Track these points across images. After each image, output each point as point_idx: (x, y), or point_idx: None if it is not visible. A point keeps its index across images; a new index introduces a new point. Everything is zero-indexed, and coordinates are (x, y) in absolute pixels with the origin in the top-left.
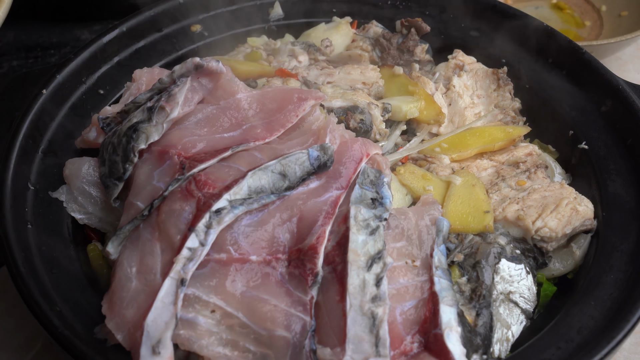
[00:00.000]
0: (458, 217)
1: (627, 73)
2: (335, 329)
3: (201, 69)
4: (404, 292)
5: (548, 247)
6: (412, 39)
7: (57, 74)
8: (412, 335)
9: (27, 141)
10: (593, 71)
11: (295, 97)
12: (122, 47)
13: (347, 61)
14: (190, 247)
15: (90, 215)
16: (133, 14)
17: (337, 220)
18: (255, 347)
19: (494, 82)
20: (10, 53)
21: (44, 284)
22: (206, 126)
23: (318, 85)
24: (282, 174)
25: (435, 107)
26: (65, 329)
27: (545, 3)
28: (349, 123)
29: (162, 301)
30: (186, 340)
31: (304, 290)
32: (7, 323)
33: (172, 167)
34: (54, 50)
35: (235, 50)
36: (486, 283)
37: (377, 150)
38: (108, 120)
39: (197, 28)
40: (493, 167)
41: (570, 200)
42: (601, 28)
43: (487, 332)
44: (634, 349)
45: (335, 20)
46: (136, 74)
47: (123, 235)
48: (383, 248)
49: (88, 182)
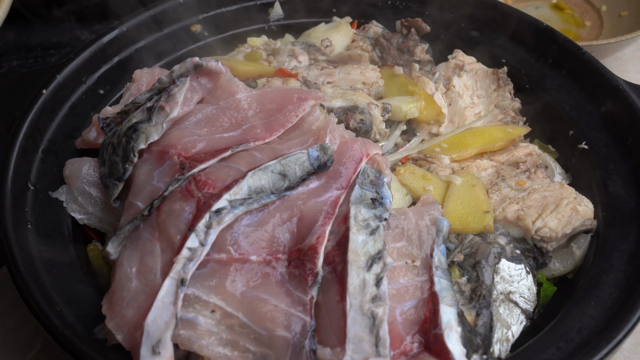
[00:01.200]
0: (458, 217)
1: (627, 73)
2: (335, 329)
3: (200, 69)
4: (404, 292)
5: (548, 247)
6: (412, 39)
7: (57, 74)
8: (412, 335)
9: (27, 141)
10: (593, 71)
11: (295, 97)
12: (122, 47)
13: (347, 61)
14: (190, 247)
15: (90, 216)
16: (133, 14)
17: (337, 220)
18: (255, 347)
19: (494, 82)
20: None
21: (44, 284)
22: (206, 126)
23: (318, 85)
24: (282, 174)
25: (435, 107)
26: (65, 329)
27: (545, 3)
28: (349, 123)
29: (162, 301)
30: (186, 340)
31: (304, 290)
32: (7, 323)
33: (172, 167)
34: (54, 50)
35: (235, 50)
36: (486, 283)
37: (377, 150)
38: (108, 121)
39: (197, 28)
40: (493, 167)
41: (570, 200)
42: (601, 28)
43: (487, 332)
44: (634, 349)
45: (335, 20)
46: (136, 74)
47: (123, 235)
48: (383, 248)
49: (88, 182)
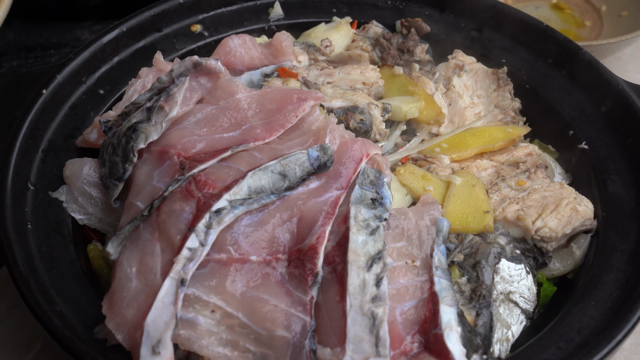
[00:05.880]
0: (458, 217)
1: (627, 73)
2: (335, 329)
3: (200, 68)
4: (404, 292)
5: (548, 247)
6: (412, 39)
7: (57, 74)
8: (412, 335)
9: (27, 141)
10: (593, 71)
11: (295, 98)
12: (122, 47)
13: (347, 61)
14: (190, 247)
15: (90, 216)
16: (133, 14)
17: (337, 220)
18: (255, 347)
19: (494, 82)
20: (10, 53)
21: (44, 284)
22: (206, 126)
23: (318, 86)
24: (282, 174)
25: (435, 107)
26: (65, 329)
27: (545, 3)
28: (349, 123)
29: (162, 301)
30: (186, 340)
31: (304, 290)
32: (7, 323)
33: (172, 167)
34: (54, 50)
35: None
36: (486, 283)
37: (377, 151)
38: (109, 124)
39: (197, 28)
40: (493, 167)
41: (570, 200)
42: (601, 28)
43: (487, 332)
44: (634, 349)
45: (335, 20)
46: (143, 71)
47: (123, 236)
48: (383, 248)
49: (88, 182)
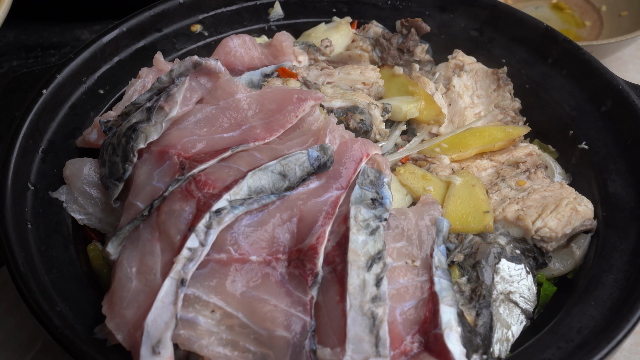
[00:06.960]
0: (458, 217)
1: (627, 73)
2: (335, 329)
3: (200, 68)
4: (404, 292)
5: (548, 247)
6: (412, 39)
7: (57, 74)
8: (412, 335)
9: (27, 141)
10: (593, 71)
11: (295, 98)
12: (122, 47)
13: (347, 61)
14: (190, 247)
15: (90, 216)
16: (133, 14)
17: (337, 220)
18: (255, 347)
19: (494, 82)
20: (10, 53)
21: (44, 284)
22: (206, 126)
23: (318, 86)
24: (282, 174)
25: (435, 107)
26: (65, 329)
27: (545, 3)
28: (348, 123)
29: (162, 301)
30: (186, 340)
31: (304, 290)
32: (7, 323)
33: (172, 167)
34: (54, 50)
35: None
36: (486, 283)
37: (377, 151)
38: (110, 124)
39: (197, 28)
40: (493, 167)
41: (570, 200)
42: (601, 28)
43: (487, 332)
44: (634, 349)
45: (335, 20)
46: (143, 71)
47: (123, 236)
48: (383, 248)
49: (88, 183)
